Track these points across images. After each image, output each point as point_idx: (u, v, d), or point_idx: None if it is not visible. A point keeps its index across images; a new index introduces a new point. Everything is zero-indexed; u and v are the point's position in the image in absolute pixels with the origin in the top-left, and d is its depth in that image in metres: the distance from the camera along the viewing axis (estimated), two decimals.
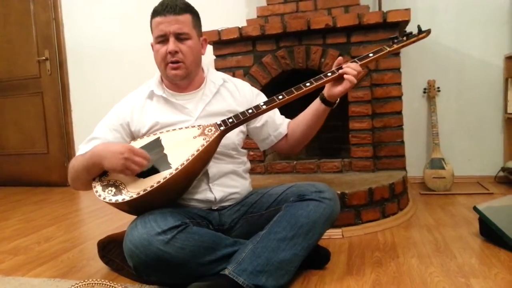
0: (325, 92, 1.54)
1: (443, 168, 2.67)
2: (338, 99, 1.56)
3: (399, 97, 2.43)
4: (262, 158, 2.62)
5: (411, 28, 2.66)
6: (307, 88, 1.49)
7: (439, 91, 2.88)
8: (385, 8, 2.71)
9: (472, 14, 2.83)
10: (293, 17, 2.63)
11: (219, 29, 2.54)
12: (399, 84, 2.42)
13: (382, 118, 2.44)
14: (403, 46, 1.59)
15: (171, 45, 1.50)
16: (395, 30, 2.34)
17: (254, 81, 2.53)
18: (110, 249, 1.67)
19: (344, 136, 2.57)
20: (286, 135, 1.69)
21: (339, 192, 1.97)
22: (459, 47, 2.87)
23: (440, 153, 2.76)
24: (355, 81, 1.47)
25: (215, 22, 2.67)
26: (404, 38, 1.58)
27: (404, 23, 2.36)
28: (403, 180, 2.24)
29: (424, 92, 2.94)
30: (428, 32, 1.59)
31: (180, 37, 1.51)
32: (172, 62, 1.52)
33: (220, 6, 3.20)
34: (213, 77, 1.67)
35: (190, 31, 1.53)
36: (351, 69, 1.47)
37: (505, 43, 2.79)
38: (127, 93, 1.70)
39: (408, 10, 2.28)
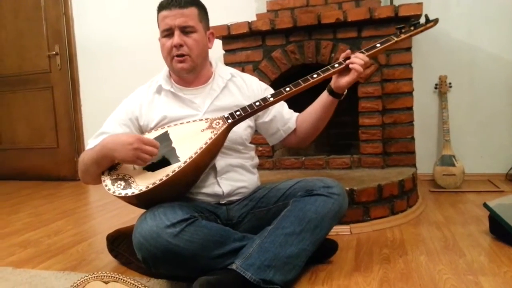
0: (332, 83, 1.54)
1: (453, 165, 2.65)
2: (346, 90, 1.55)
3: (410, 93, 2.41)
4: (270, 154, 2.61)
5: (423, 23, 2.63)
6: (314, 79, 1.48)
7: (450, 87, 2.85)
8: (396, 2, 2.68)
9: (484, 9, 2.79)
10: (303, 11, 2.61)
11: (229, 24, 2.54)
12: (410, 79, 2.40)
13: (393, 114, 2.42)
14: (410, 36, 1.58)
15: (176, 38, 1.50)
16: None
17: (263, 76, 2.52)
18: (119, 243, 1.68)
19: (354, 132, 2.56)
20: (295, 129, 1.69)
21: (347, 188, 1.96)
22: (471, 42, 2.83)
23: (451, 150, 2.73)
24: (361, 70, 1.47)
25: (224, 17, 2.65)
26: (412, 28, 1.56)
27: (416, 17, 2.33)
28: (412, 177, 2.22)
29: (436, 88, 2.90)
30: (435, 21, 1.57)
31: (185, 30, 1.51)
32: (178, 56, 1.52)
33: (230, 1, 3.19)
34: (221, 72, 1.66)
35: (196, 24, 1.52)
36: (358, 59, 1.47)
37: None
38: (137, 87, 1.70)
39: (420, 4, 2.25)
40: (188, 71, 1.55)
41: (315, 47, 2.45)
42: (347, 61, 1.48)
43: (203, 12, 1.57)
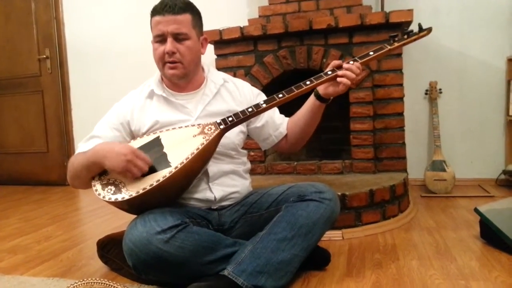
0: (320, 89, 1.54)
1: (444, 170, 2.67)
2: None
3: (401, 99, 2.42)
4: (262, 159, 2.61)
5: (413, 29, 2.64)
6: (308, 86, 1.48)
7: (441, 92, 2.88)
8: (387, 9, 2.70)
9: (474, 16, 2.83)
10: (295, 17, 2.62)
11: (221, 29, 2.54)
12: (401, 85, 2.41)
13: (384, 119, 2.43)
14: (404, 44, 1.58)
15: (169, 45, 1.48)
16: (397, 31, 2.33)
17: (255, 81, 2.53)
18: (110, 248, 1.67)
19: (345, 137, 2.57)
20: (286, 134, 1.69)
21: (339, 193, 1.96)
22: (461, 48, 2.86)
23: (442, 155, 2.75)
24: (349, 83, 1.46)
25: (216, 22, 2.66)
26: (405, 36, 1.57)
27: (407, 23, 2.35)
28: (404, 182, 2.23)
29: (426, 94, 2.93)
30: (429, 30, 1.58)
31: (178, 37, 1.49)
32: (170, 62, 1.51)
33: (222, 6, 3.19)
34: (214, 77, 1.66)
35: (189, 31, 1.51)
36: (350, 72, 1.46)
37: (507, 45, 2.78)
38: (128, 92, 1.69)
39: (410, 10, 2.27)
40: (179, 77, 1.55)
41: (306, 53, 2.46)
42: (339, 72, 1.47)
43: (197, 17, 1.56)
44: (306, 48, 2.46)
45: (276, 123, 1.69)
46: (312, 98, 1.58)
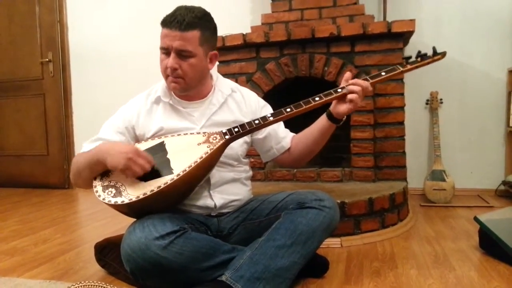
0: (332, 108, 1.54)
1: (444, 180, 2.67)
2: (345, 117, 1.55)
3: (402, 108, 2.43)
4: (262, 165, 2.61)
5: (415, 39, 2.66)
6: (316, 102, 1.48)
7: (441, 102, 2.88)
8: (390, 18, 2.72)
9: (476, 27, 2.84)
10: (298, 25, 2.63)
11: (223, 35, 2.55)
12: (402, 94, 2.42)
13: (384, 128, 2.43)
14: (417, 67, 1.56)
15: (171, 61, 1.47)
16: (399, 40, 2.35)
17: (257, 88, 2.53)
18: (107, 252, 1.66)
19: (345, 145, 2.57)
20: (288, 149, 1.68)
21: (339, 201, 1.96)
22: (462, 59, 2.87)
23: (441, 165, 2.75)
24: (359, 102, 1.46)
25: (219, 28, 2.64)
26: (418, 59, 1.55)
27: (409, 33, 2.36)
28: (403, 191, 2.23)
29: (427, 104, 2.93)
30: (443, 54, 1.56)
31: (182, 54, 1.47)
32: (172, 76, 1.51)
33: (225, 13, 3.20)
34: (222, 86, 1.65)
35: (194, 49, 1.47)
36: (357, 86, 1.46)
37: (508, 57, 2.80)
38: (129, 96, 1.69)
39: (413, 20, 2.28)
40: (181, 91, 1.55)
41: (308, 61, 2.47)
42: (349, 88, 1.46)
43: (207, 33, 1.51)
44: (308, 56, 2.47)
45: (279, 137, 1.67)
46: (323, 118, 1.57)
